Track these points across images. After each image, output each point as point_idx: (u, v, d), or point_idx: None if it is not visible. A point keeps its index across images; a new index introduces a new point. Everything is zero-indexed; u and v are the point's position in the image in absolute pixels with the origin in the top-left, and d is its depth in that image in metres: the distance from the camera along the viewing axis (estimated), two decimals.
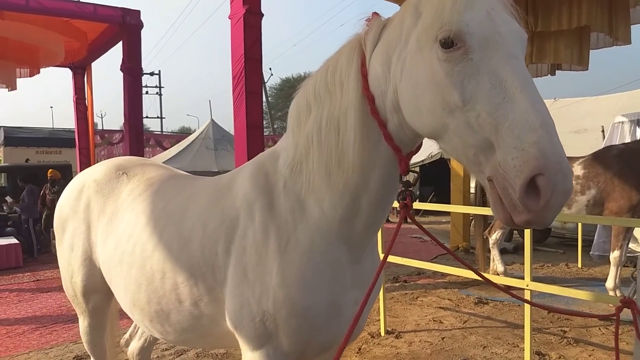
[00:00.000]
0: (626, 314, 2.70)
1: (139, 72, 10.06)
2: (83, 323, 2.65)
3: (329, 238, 1.71)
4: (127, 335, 3.06)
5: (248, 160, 7.35)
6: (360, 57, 1.58)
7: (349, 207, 1.67)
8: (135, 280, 2.08)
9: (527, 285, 3.96)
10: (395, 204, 1.79)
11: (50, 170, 11.74)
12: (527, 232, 3.94)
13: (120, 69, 9.87)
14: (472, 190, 9.11)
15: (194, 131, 26.09)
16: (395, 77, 1.45)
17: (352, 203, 1.66)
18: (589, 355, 4.45)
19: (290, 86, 50.99)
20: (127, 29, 9.77)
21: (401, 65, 1.41)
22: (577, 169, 6.02)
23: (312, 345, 1.78)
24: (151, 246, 2.05)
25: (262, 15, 6.42)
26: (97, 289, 2.47)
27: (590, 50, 7.00)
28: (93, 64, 13.29)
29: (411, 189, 1.55)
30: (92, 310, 2.57)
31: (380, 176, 1.60)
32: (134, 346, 2.95)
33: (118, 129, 30.62)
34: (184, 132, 48.33)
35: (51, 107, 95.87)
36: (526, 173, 1.10)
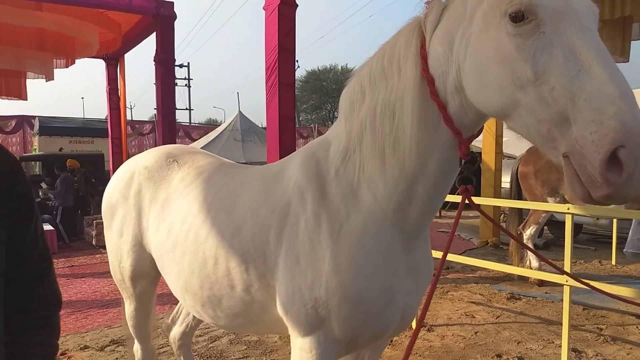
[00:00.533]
0: None
1: (172, 63, 10.20)
2: (129, 307, 2.71)
3: (382, 226, 1.70)
4: (168, 321, 3.12)
5: (280, 152, 7.36)
6: (419, 39, 1.56)
7: (404, 194, 1.65)
8: (188, 266, 2.11)
9: (567, 281, 3.89)
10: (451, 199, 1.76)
11: (68, 160, 12.01)
12: (568, 226, 3.88)
13: (154, 60, 10.01)
14: (505, 185, 8.98)
15: (221, 123, 26.30)
16: (458, 57, 1.42)
17: (408, 190, 1.64)
18: (627, 354, 4.36)
19: (315, 78, 51.06)
20: (160, 20, 9.89)
21: (465, 44, 1.39)
22: None
23: (363, 332, 1.78)
24: (204, 233, 2.08)
25: (297, 5, 6.43)
26: (145, 274, 2.52)
27: (632, 42, 6.80)
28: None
29: (471, 175, 1.52)
30: (139, 295, 2.62)
31: (438, 161, 1.57)
32: (176, 331, 3.01)
33: (147, 120, 31.18)
34: (211, 124, 48.78)
35: (82, 97, 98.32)
36: (606, 147, 1.06)
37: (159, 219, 2.34)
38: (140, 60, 10.59)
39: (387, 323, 1.80)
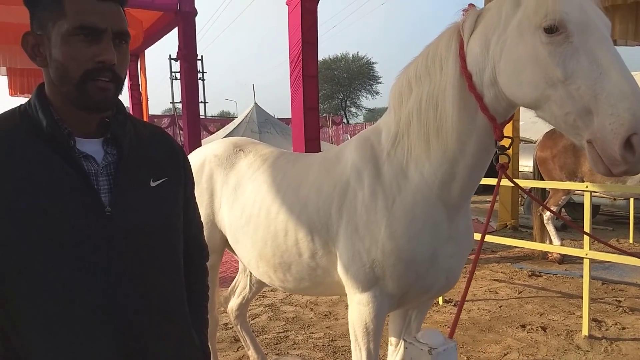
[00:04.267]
0: None
1: (195, 58, 10.53)
2: None
3: (429, 199, 2.01)
4: (226, 294, 3.46)
5: (305, 140, 7.66)
6: (458, 41, 1.85)
7: (447, 172, 1.95)
8: (261, 238, 2.45)
9: (587, 254, 4.17)
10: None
11: None
12: (587, 204, 4.13)
13: (177, 56, 10.38)
14: (522, 169, 9.19)
15: (233, 115, 26.66)
16: (494, 57, 1.70)
17: (450, 169, 1.94)
18: None
19: (327, 67, 50.79)
20: (182, 16, 10.23)
21: (501, 47, 1.67)
22: None
23: (413, 288, 2.10)
24: (275, 209, 2.41)
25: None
26: (215, 249, 2.85)
27: None
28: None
29: (506, 153, 1.81)
30: (209, 267, 2.96)
31: (476, 144, 1.86)
32: (234, 302, 3.35)
33: (161, 113, 31.61)
34: (224, 117, 49.18)
35: None
36: (622, 134, 1.35)
37: (231, 199, 2.68)
38: (153, 55, 10.90)
39: (433, 281, 2.12)
